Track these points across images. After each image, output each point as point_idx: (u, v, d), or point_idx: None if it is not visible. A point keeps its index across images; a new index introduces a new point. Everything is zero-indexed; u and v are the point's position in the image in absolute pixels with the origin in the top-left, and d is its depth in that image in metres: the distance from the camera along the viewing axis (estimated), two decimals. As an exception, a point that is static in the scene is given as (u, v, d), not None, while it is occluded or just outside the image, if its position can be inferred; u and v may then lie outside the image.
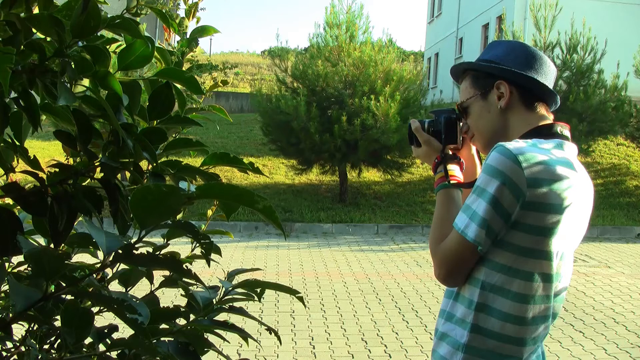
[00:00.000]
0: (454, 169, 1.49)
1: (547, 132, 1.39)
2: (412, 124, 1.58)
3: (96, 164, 0.91)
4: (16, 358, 0.97)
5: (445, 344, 1.38)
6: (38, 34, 0.84)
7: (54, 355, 1.03)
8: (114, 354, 0.92)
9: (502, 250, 1.29)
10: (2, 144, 0.89)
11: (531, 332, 1.33)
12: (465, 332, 1.33)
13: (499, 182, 1.25)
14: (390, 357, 4.25)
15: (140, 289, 1.16)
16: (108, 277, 1.16)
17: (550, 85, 1.44)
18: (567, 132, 1.41)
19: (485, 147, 1.48)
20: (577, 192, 1.32)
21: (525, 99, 1.42)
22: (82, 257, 1.20)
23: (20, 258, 0.85)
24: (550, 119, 1.44)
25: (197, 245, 1.00)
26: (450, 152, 1.53)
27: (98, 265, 0.90)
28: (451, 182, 1.45)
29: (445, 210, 1.41)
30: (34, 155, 0.97)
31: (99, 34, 0.87)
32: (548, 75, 1.44)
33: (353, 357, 4.21)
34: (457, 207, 1.41)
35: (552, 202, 1.26)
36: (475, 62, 1.49)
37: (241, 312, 1.07)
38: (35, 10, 0.84)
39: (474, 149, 1.60)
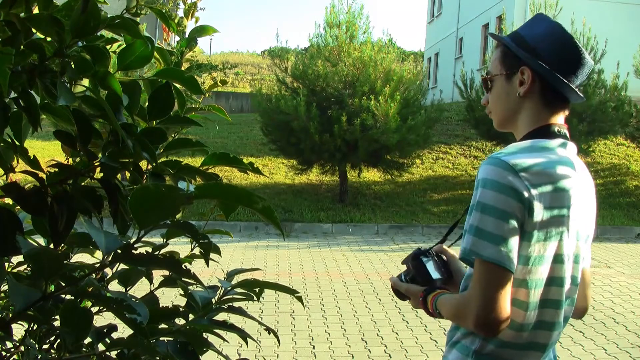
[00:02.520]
0: (437, 291, 1.42)
1: (545, 133, 1.35)
2: (390, 281, 1.56)
3: (96, 164, 0.91)
4: (16, 358, 0.97)
5: (456, 350, 1.34)
6: (38, 34, 0.85)
7: (53, 355, 1.03)
8: (113, 354, 0.92)
9: None
10: (2, 144, 0.89)
11: (543, 338, 1.30)
12: (476, 339, 1.30)
13: (499, 194, 1.21)
14: (390, 357, 4.25)
15: (140, 288, 1.16)
16: (108, 277, 1.16)
17: (581, 79, 1.37)
18: (565, 132, 1.37)
19: (499, 126, 1.45)
20: (579, 192, 1.30)
21: (546, 92, 1.35)
22: (82, 257, 1.20)
23: (20, 258, 0.85)
24: (560, 117, 1.39)
25: (197, 245, 1.00)
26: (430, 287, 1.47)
27: (98, 265, 0.90)
28: (440, 293, 1.40)
29: (451, 304, 1.34)
30: (34, 155, 0.97)
31: (98, 34, 0.87)
32: (580, 70, 1.36)
33: (353, 357, 4.21)
34: (448, 302, 1.36)
35: (554, 205, 1.24)
36: (512, 38, 1.40)
37: (240, 312, 1.07)
38: (35, 10, 0.84)
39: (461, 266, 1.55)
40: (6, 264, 1.11)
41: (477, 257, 1.20)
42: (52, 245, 0.87)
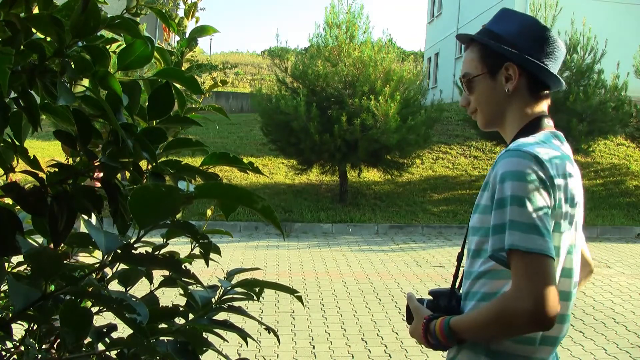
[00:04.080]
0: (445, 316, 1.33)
1: (539, 126, 1.36)
2: (407, 294, 1.48)
3: (96, 164, 0.91)
4: (16, 357, 0.97)
5: (466, 350, 1.30)
6: (38, 34, 0.85)
7: (53, 354, 1.03)
8: (113, 354, 0.92)
9: None
10: (2, 144, 0.89)
11: (555, 331, 1.27)
12: None
13: (530, 185, 1.18)
14: (390, 357, 4.25)
15: (140, 288, 1.16)
16: (108, 277, 1.16)
17: (558, 66, 1.39)
18: (551, 123, 1.39)
19: (485, 125, 1.44)
20: (578, 183, 1.33)
21: (532, 85, 1.37)
22: (81, 257, 1.20)
23: (20, 258, 0.85)
24: (546, 108, 1.40)
25: (197, 245, 1.00)
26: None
27: (97, 265, 0.90)
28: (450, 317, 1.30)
29: (485, 313, 1.23)
30: (34, 155, 0.97)
31: (98, 33, 0.87)
32: (558, 59, 1.38)
33: (353, 357, 4.21)
34: (470, 317, 1.27)
35: (568, 196, 1.25)
36: (485, 36, 1.40)
37: (240, 311, 1.07)
38: (35, 10, 0.84)
39: None
40: (6, 264, 1.11)
41: (524, 251, 1.14)
42: (52, 245, 0.87)
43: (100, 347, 0.91)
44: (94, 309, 1.07)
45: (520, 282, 1.15)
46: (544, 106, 1.40)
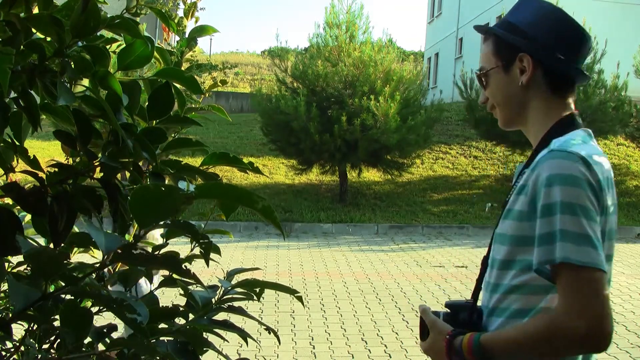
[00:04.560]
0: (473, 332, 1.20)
1: (570, 125, 1.24)
2: (420, 308, 1.34)
3: (96, 164, 0.91)
4: (16, 358, 0.97)
5: None
6: (38, 34, 0.85)
7: (53, 354, 1.03)
8: (113, 354, 0.92)
9: None
10: (2, 144, 0.89)
11: None
12: None
13: (581, 190, 1.07)
14: (390, 357, 4.25)
15: (140, 288, 1.16)
16: (107, 278, 1.16)
17: (584, 57, 1.28)
18: (580, 120, 1.28)
19: (505, 123, 1.33)
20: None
21: (550, 78, 1.25)
22: (82, 257, 1.20)
23: (20, 258, 0.85)
24: (572, 105, 1.28)
25: (197, 244, 1.00)
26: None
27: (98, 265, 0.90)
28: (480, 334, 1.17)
29: (526, 332, 1.10)
30: (34, 155, 0.97)
31: (98, 33, 0.87)
32: (580, 49, 1.26)
33: (353, 357, 4.21)
34: (506, 335, 1.14)
35: (612, 202, 1.16)
36: (502, 26, 1.29)
37: (240, 311, 1.06)
38: (35, 10, 0.84)
39: None
40: (6, 264, 1.11)
41: (577, 264, 1.04)
42: (52, 245, 0.87)
43: (101, 347, 0.91)
44: (94, 309, 1.07)
45: (572, 299, 1.04)
46: (569, 100, 1.27)
